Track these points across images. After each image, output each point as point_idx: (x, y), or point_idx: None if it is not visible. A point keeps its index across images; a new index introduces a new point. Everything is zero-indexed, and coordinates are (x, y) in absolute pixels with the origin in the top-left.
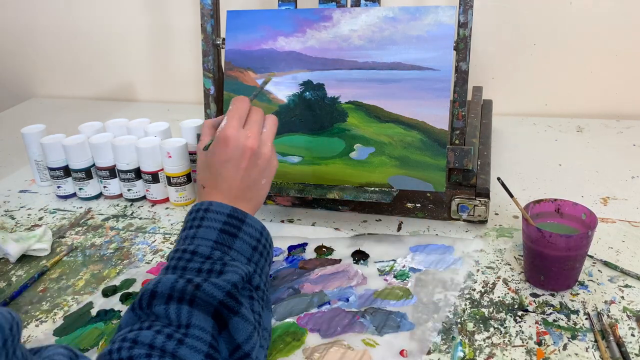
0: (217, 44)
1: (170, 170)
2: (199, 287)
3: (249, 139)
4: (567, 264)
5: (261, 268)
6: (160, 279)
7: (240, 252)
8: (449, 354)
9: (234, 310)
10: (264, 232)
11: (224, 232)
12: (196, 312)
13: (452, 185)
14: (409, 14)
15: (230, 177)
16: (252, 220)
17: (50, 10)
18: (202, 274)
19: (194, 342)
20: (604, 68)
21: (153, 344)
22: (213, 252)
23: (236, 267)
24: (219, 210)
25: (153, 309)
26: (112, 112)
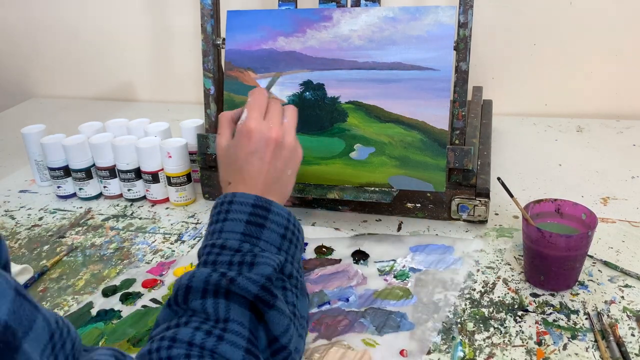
0: (217, 44)
1: (170, 170)
2: (234, 281)
3: (272, 130)
4: (567, 264)
5: (292, 255)
6: (194, 273)
7: (269, 242)
8: (449, 354)
9: (269, 304)
10: (291, 218)
11: (250, 224)
12: (233, 305)
13: (452, 185)
14: (409, 14)
15: (255, 170)
16: (277, 208)
17: (50, 11)
18: (234, 267)
19: (233, 337)
20: (604, 68)
21: (192, 341)
22: (242, 245)
23: (267, 258)
24: (243, 201)
25: (190, 304)
26: (112, 112)
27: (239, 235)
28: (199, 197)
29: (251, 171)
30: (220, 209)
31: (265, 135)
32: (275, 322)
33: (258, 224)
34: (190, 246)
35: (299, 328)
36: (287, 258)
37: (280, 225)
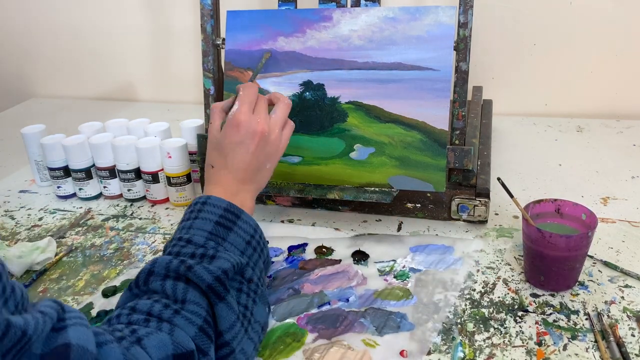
0: (217, 44)
1: (170, 171)
2: (191, 268)
3: (259, 124)
4: (567, 264)
5: (254, 262)
6: (156, 260)
7: (233, 245)
8: (449, 355)
9: (220, 296)
10: (258, 230)
11: (219, 225)
12: (191, 289)
13: (452, 186)
14: (409, 14)
15: (239, 159)
16: (247, 217)
17: (50, 10)
18: (195, 258)
19: (189, 315)
20: (604, 68)
21: (151, 312)
22: (207, 242)
23: (228, 255)
24: (216, 204)
25: (149, 286)
26: (112, 112)
27: (206, 233)
28: None
29: (235, 159)
30: (193, 208)
31: (252, 128)
32: (223, 316)
33: (226, 226)
34: None
35: (250, 331)
36: (249, 263)
37: (247, 232)
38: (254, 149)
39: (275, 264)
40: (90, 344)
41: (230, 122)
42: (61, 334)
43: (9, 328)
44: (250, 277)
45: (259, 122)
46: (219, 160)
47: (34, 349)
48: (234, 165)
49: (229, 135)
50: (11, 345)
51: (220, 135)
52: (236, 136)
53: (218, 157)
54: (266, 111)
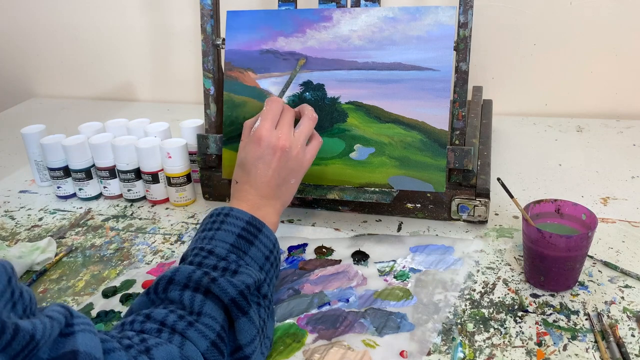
0: (217, 44)
1: (170, 171)
2: (215, 280)
3: (280, 140)
4: (567, 264)
5: (270, 278)
6: (178, 268)
7: (254, 259)
8: (449, 355)
9: (243, 311)
10: (277, 245)
11: (241, 238)
12: (209, 302)
13: (452, 186)
14: (409, 14)
15: (261, 174)
16: (267, 231)
17: (49, 10)
18: (218, 271)
19: (204, 328)
20: (604, 68)
21: (165, 322)
22: (229, 255)
23: (250, 271)
24: (238, 216)
25: (168, 294)
26: (112, 112)
27: (228, 245)
28: (199, 197)
29: (257, 175)
30: (215, 219)
31: (273, 144)
32: (245, 330)
33: (248, 240)
34: None
35: (263, 347)
36: (265, 279)
37: (267, 247)
38: (276, 164)
39: None
40: (97, 351)
41: (252, 138)
42: (69, 340)
43: (17, 332)
44: (265, 293)
45: (279, 137)
46: (242, 176)
47: (41, 354)
48: (256, 180)
49: (250, 150)
50: (19, 350)
51: (243, 152)
52: (257, 151)
53: (242, 173)
54: (290, 126)
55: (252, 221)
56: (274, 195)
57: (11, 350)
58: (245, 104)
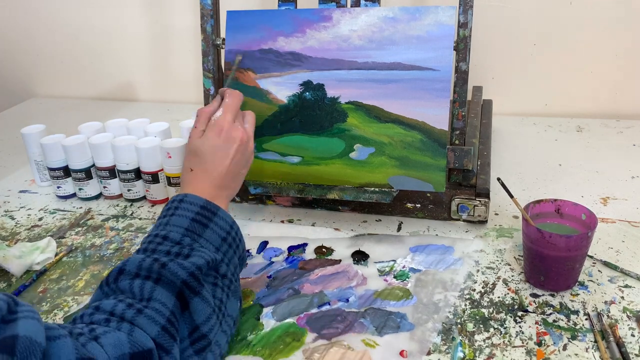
0: (217, 44)
1: (170, 171)
2: (165, 265)
3: (239, 132)
4: (567, 264)
5: (229, 258)
6: (128, 259)
7: (209, 241)
8: (449, 355)
9: (195, 291)
10: (234, 226)
11: (195, 221)
12: (159, 288)
13: (452, 186)
14: (408, 14)
15: (219, 164)
16: (223, 214)
17: (50, 10)
18: (170, 256)
19: (153, 313)
20: (604, 68)
21: (113, 311)
22: (183, 239)
23: (203, 252)
24: (193, 202)
25: (118, 284)
26: (112, 112)
27: (182, 229)
28: None
29: (215, 164)
30: (170, 206)
31: (234, 135)
32: (198, 310)
33: (202, 223)
34: None
35: (224, 324)
36: (223, 259)
37: (223, 229)
38: (234, 155)
39: (275, 264)
40: (39, 336)
41: (212, 127)
42: (10, 326)
43: None
44: (224, 273)
45: (239, 129)
46: (197, 164)
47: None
48: (214, 169)
49: (210, 139)
50: None
51: (201, 140)
52: (217, 141)
53: (198, 161)
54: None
55: (206, 205)
56: (226, 186)
57: None
58: (245, 104)
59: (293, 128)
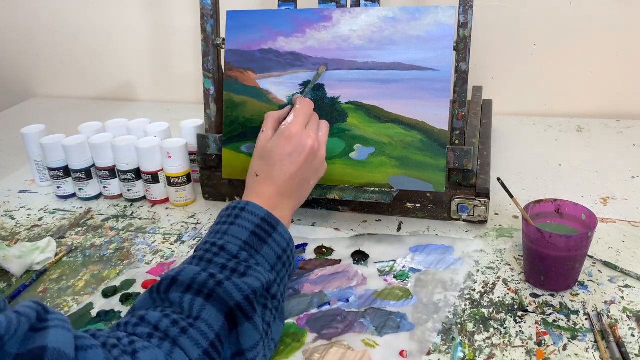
0: (217, 44)
1: (170, 171)
2: (221, 284)
3: (310, 139)
4: (567, 264)
5: (282, 278)
6: (183, 268)
7: (265, 259)
8: (449, 355)
9: (247, 316)
10: (291, 244)
11: (254, 235)
12: (209, 307)
13: (452, 186)
14: (408, 14)
15: (285, 170)
16: (282, 230)
17: (50, 11)
18: (226, 272)
19: (197, 335)
20: (604, 68)
21: (157, 326)
22: (240, 253)
23: (259, 273)
24: (254, 212)
25: (169, 295)
26: (112, 112)
27: (240, 242)
28: (199, 197)
29: (281, 171)
30: (230, 212)
31: (304, 142)
32: (247, 335)
33: (261, 238)
34: (190, 247)
35: (267, 349)
36: (276, 279)
37: (280, 246)
38: (302, 163)
39: None
40: (68, 347)
41: (283, 133)
42: (40, 335)
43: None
44: (274, 294)
45: (310, 136)
46: (264, 170)
47: (7, 348)
48: (280, 176)
49: (279, 145)
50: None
51: (270, 145)
52: (287, 147)
53: (264, 166)
54: (318, 128)
55: (267, 218)
56: (292, 194)
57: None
58: (245, 104)
59: None
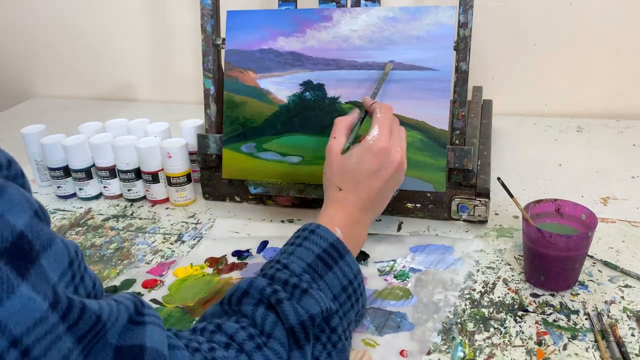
0: (217, 44)
1: (170, 170)
2: (280, 303)
3: (398, 155)
4: (567, 264)
5: (345, 312)
6: (253, 281)
7: (328, 286)
8: (449, 354)
9: (298, 344)
10: (359, 277)
11: (320, 259)
12: (280, 325)
13: (452, 185)
14: (409, 14)
15: (371, 187)
16: (350, 260)
17: (50, 11)
18: (288, 288)
19: (271, 354)
20: (604, 68)
21: (234, 337)
22: (303, 275)
23: (320, 297)
24: (323, 236)
25: (241, 307)
26: (112, 112)
27: (304, 264)
28: (199, 197)
29: (366, 187)
30: (300, 234)
31: (392, 158)
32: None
33: (327, 263)
34: (190, 246)
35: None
36: (338, 310)
37: (346, 276)
38: (388, 177)
39: None
40: (164, 347)
41: (371, 149)
42: (138, 330)
43: (84, 311)
44: (334, 327)
45: (398, 151)
46: (349, 185)
47: (109, 337)
48: (365, 192)
49: (366, 161)
50: (87, 329)
51: (355, 160)
52: (374, 164)
53: (349, 182)
54: (402, 138)
55: (336, 244)
56: (374, 209)
57: (79, 330)
58: (245, 104)
59: (293, 128)
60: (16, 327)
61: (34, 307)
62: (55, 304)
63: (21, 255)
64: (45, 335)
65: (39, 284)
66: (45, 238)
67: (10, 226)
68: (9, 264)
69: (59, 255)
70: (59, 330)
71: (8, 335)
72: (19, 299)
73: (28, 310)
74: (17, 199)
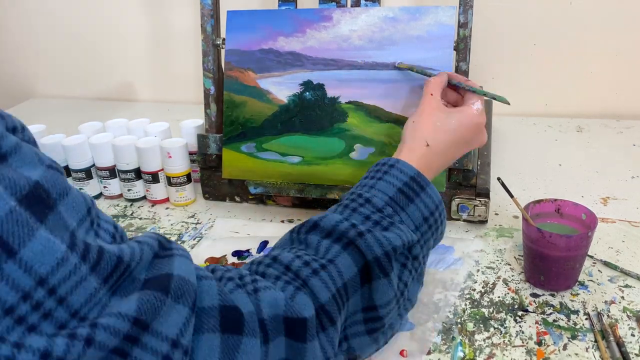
0: (217, 44)
1: (171, 170)
2: (362, 235)
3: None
4: (567, 264)
5: (425, 240)
6: (326, 214)
7: (411, 218)
8: (449, 354)
9: (385, 272)
10: (440, 206)
11: (401, 192)
12: (345, 255)
13: (452, 185)
14: (409, 14)
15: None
16: (432, 191)
17: (50, 10)
18: (368, 223)
19: (328, 278)
20: (604, 68)
21: (289, 266)
22: (385, 207)
23: (402, 231)
24: (403, 170)
25: (308, 236)
26: (112, 112)
27: (387, 197)
28: (199, 197)
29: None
30: (379, 168)
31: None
32: (381, 292)
33: (408, 196)
34: (190, 246)
35: (402, 308)
36: (419, 240)
37: (428, 208)
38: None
39: None
40: (192, 276)
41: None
42: (166, 260)
43: (102, 254)
44: (416, 255)
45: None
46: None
47: (136, 274)
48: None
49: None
50: (110, 270)
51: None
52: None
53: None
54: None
55: (417, 177)
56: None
57: (102, 271)
58: (245, 104)
59: (293, 128)
60: (41, 267)
61: (54, 248)
62: (72, 246)
63: (39, 201)
64: (69, 275)
65: (57, 228)
66: (61, 187)
67: (25, 177)
68: (28, 209)
69: (77, 203)
70: (83, 271)
71: (34, 275)
72: (39, 240)
73: (49, 251)
74: (31, 156)
